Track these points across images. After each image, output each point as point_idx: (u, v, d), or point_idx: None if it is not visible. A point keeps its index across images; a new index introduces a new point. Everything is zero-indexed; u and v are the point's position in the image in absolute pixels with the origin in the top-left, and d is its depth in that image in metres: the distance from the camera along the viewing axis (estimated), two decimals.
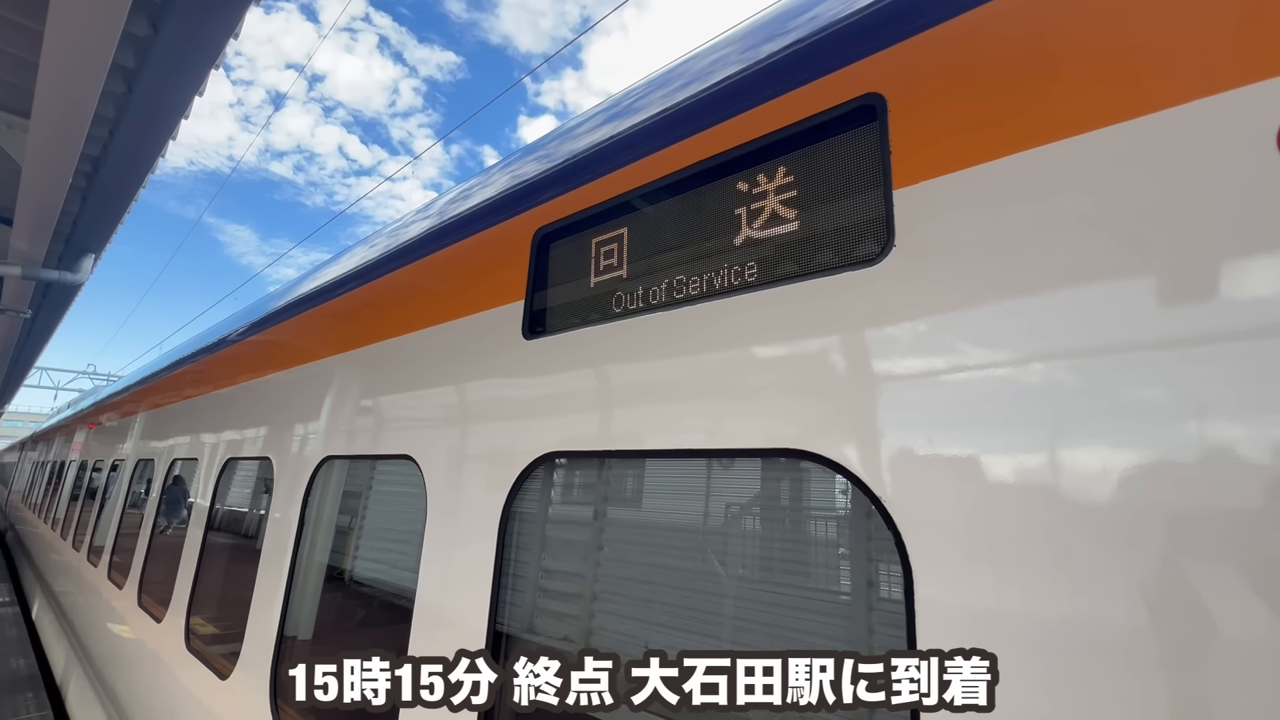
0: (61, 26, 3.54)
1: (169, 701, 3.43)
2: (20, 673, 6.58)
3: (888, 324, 1.13)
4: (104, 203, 6.68)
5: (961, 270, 1.06)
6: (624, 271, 1.66)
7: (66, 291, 9.86)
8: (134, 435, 6.44)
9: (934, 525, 1.01)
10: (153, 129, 5.31)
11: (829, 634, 1.24)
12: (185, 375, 5.31)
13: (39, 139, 4.73)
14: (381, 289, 2.75)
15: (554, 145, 2.19)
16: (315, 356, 3.08)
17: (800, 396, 1.23)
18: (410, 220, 2.98)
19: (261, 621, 2.73)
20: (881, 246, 1.17)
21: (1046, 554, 0.90)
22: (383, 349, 2.54)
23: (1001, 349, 1.00)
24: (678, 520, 1.57)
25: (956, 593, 0.97)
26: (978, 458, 0.99)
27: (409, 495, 2.32)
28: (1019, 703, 0.90)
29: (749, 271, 1.39)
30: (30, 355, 16.02)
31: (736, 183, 1.46)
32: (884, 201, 1.19)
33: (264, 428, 3.40)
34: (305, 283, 3.71)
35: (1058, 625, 0.88)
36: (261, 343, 3.87)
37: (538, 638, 1.70)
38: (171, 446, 4.98)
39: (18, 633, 8.06)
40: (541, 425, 1.74)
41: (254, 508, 3.55)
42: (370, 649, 1.20)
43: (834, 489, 1.31)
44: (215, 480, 3.78)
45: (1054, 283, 0.97)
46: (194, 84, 4.73)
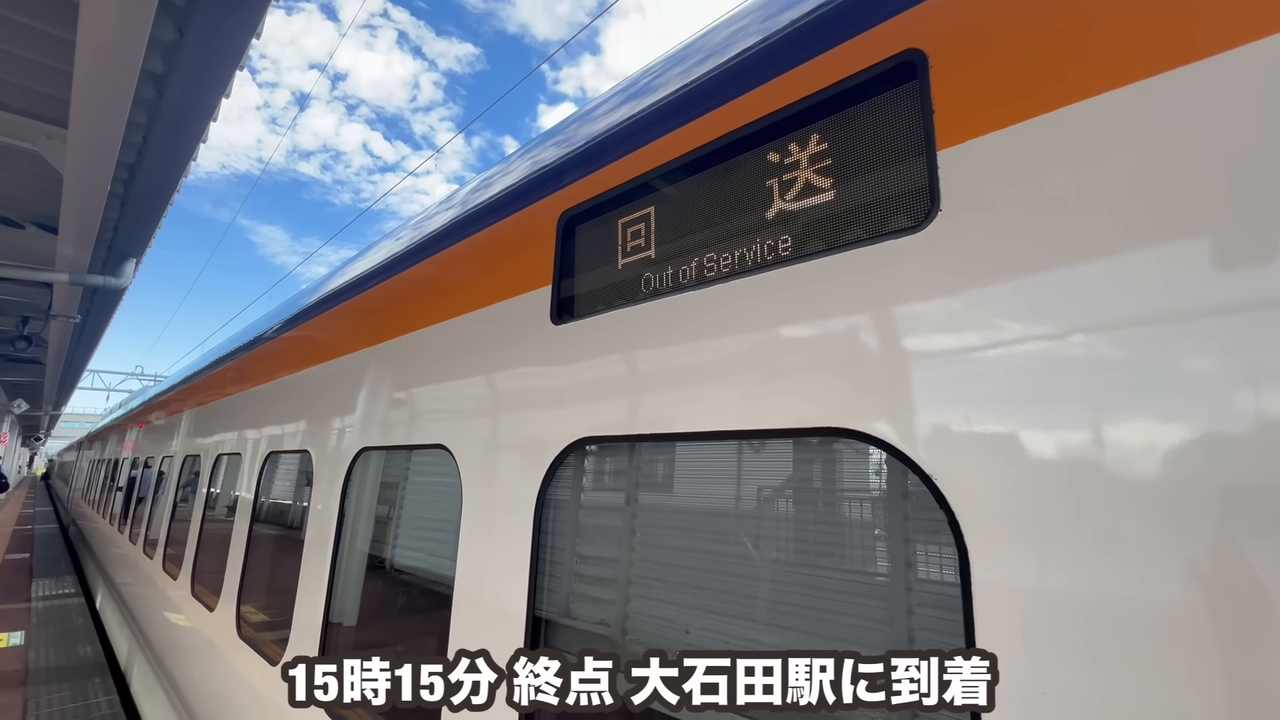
0: (91, 35, 3.61)
1: (223, 686, 3.57)
2: (88, 659, 6.94)
3: (936, 292, 1.08)
4: (142, 208, 6.87)
5: (1010, 233, 1.00)
6: (652, 252, 1.62)
7: (111, 296, 10.22)
8: (181, 433, 6.68)
9: (988, 502, 0.96)
10: (183, 133, 5.42)
11: (868, 615, 1.21)
12: (226, 373, 5.47)
13: (77, 148, 4.87)
14: (409, 281, 2.76)
15: (574, 128, 2.15)
16: (348, 350, 3.12)
17: (841, 373, 1.18)
18: (435, 211, 2.98)
19: (308, 609, 2.81)
20: (926, 212, 1.12)
21: (1099, 530, 0.86)
22: (413, 340, 2.55)
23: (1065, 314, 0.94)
24: (713, 504, 1.54)
25: (1011, 570, 0.93)
26: (1038, 432, 0.93)
27: (444, 485, 2.35)
28: (1070, 681, 0.86)
29: (783, 245, 1.34)
30: (82, 358, 16.72)
31: (767, 154, 1.41)
32: (927, 164, 1.13)
33: (302, 422, 3.48)
34: (335, 279, 3.77)
35: (1111, 602, 0.84)
36: (296, 339, 3.94)
37: (576, 623, 1.70)
38: (217, 443, 5.14)
39: (84, 622, 8.49)
40: (573, 411, 1.72)
41: (296, 499, 3.64)
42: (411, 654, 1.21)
43: (869, 469, 1.27)
44: (258, 474, 3.89)
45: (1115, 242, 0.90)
46: (220, 86, 4.80)
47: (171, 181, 6.36)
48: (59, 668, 6.63)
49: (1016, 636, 0.91)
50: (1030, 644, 0.90)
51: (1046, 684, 0.88)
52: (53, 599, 9.79)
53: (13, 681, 6.19)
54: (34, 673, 6.45)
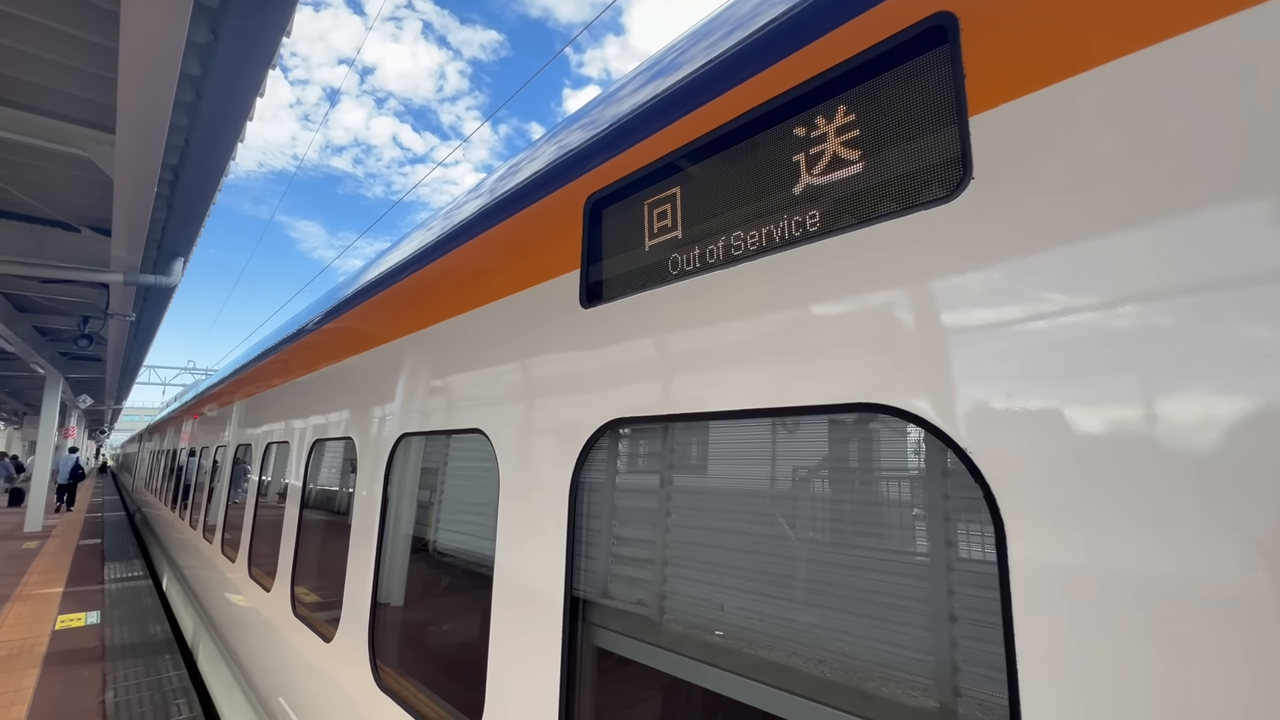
0: (132, 40, 3.74)
1: (282, 662, 3.76)
2: (158, 637, 7.38)
3: (969, 263, 1.05)
4: (187, 208, 7.14)
5: (1050, 199, 0.97)
6: (679, 232, 1.61)
7: (163, 294, 10.69)
8: (232, 423, 6.98)
9: (1028, 478, 0.94)
10: (222, 133, 5.59)
11: (907, 594, 1.19)
12: (271, 366, 5.67)
13: (125, 151, 5.07)
14: (442, 270, 2.81)
15: (599, 110, 2.15)
16: (385, 339, 3.20)
17: (872, 347, 1.16)
18: (464, 200, 3.02)
19: (357, 590, 2.93)
20: (958, 181, 1.08)
21: (1151, 509, 0.82)
22: (448, 327, 2.61)
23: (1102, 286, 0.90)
24: (746, 484, 1.54)
25: (1050, 548, 0.91)
26: (1076, 407, 0.90)
27: (482, 469, 2.41)
28: (1115, 660, 0.84)
29: (811, 221, 1.32)
30: (139, 354, 17.56)
31: (793, 128, 1.38)
32: (958, 130, 1.09)
33: (344, 410, 3.60)
34: (370, 271, 3.85)
35: (1164, 583, 0.81)
36: (336, 330, 4.06)
37: (613, 602, 1.74)
38: (266, 432, 5.36)
39: (152, 602, 9.02)
40: (604, 393, 1.74)
41: (342, 485, 3.78)
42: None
43: (907, 447, 1.25)
44: (306, 461, 4.05)
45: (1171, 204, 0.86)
46: (254, 85, 4.92)
47: (213, 181, 6.57)
48: (132, 644, 7.07)
49: (1057, 615, 0.89)
50: (1071, 622, 0.88)
51: (1089, 662, 0.86)
52: (123, 581, 10.42)
53: (92, 657, 6.64)
54: (110, 649, 6.90)
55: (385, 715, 2.50)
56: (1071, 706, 0.87)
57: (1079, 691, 0.86)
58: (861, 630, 1.24)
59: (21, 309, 11.90)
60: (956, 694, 1.09)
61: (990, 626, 1.04)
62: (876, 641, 1.22)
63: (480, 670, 2.00)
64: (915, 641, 1.16)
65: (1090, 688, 0.86)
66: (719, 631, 1.50)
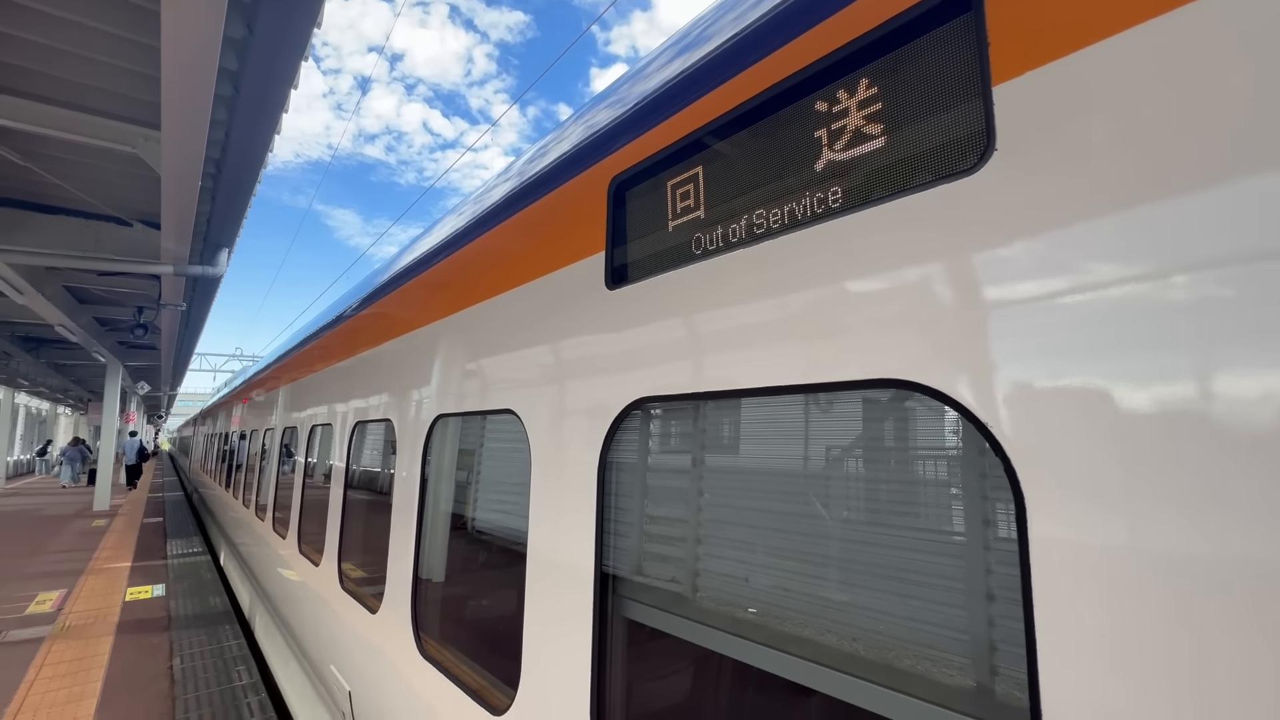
0: (173, 38, 3.86)
1: (332, 632, 3.96)
2: (218, 609, 7.83)
3: (991, 238, 1.03)
4: (229, 199, 7.39)
5: (1081, 169, 0.94)
6: (701, 212, 1.62)
7: (210, 284, 11.12)
8: (279, 407, 7.27)
9: (1054, 457, 0.93)
10: (260, 125, 5.75)
11: (944, 574, 1.19)
12: (313, 351, 5.88)
13: (170, 147, 5.27)
14: (472, 254, 2.87)
15: (624, 89, 2.15)
16: (420, 324, 3.29)
17: (891, 322, 1.16)
18: (492, 185, 3.06)
19: (400, 565, 3.06)
20: (981, 152, 1.06)
21: (1195, 491, 0.80)
22: (478, 311, 2.67)
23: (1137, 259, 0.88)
24: (772, 462, 1.56)
25: (1073, 524, 0.90)
26: (1097, 382, 0.89)
27: (515, 451, 2.48)
28: (1139, 642, 0.83)
29: (833, 197, 1.31)
30: (190, 343, 18.34)
31: (815, 103, 1.37)
32: (982, 101, 1.07)
33: (383, 393, 3.73)
34: (404, 257, 3.95)
35: (1191, 561, 0.80)
36: (372, 316, 4.19)
37: (642, 576, 1.78)
38: (310, 415, 5.58)
39: (211, 577, 9.55)
40: (630, 372, 1.77)
41: (383, 465, 3.92)
42: None
43: (936, 426, 1.24)
44: (348, 443, 4.22)
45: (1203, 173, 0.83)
46: (289, 77, 5.04)
47: (253, 173, 6.78)
48: (195, 615, 7.52)
49: (1077, 589, 0.89)
50: (1091, 597, 0.87)
51: (1110, 638, 0.85)
52: (184, 557, 11.05)
53: (160, 626, 7.09)
54: (175, 619, 7.36)
55: (428, 681, 2.62)
56: (1091, 680, 0.87)
57: (1099, 667, 0.86)
58: (897, 609, 1.24)
59: (82, 300, 12.55)
60: (994, 673, 1.09)
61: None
62: (913, 621, 1.22)
63: (516, 641, 2.08)
64: (952, 620, 1.16)
65: (1111, 664, 0.85)
66: (749, 608, 1.53)
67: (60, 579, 9.25)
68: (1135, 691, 0.83)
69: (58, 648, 6.36)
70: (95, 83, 5.25)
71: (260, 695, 5.22)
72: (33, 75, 5.16)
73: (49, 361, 19.50)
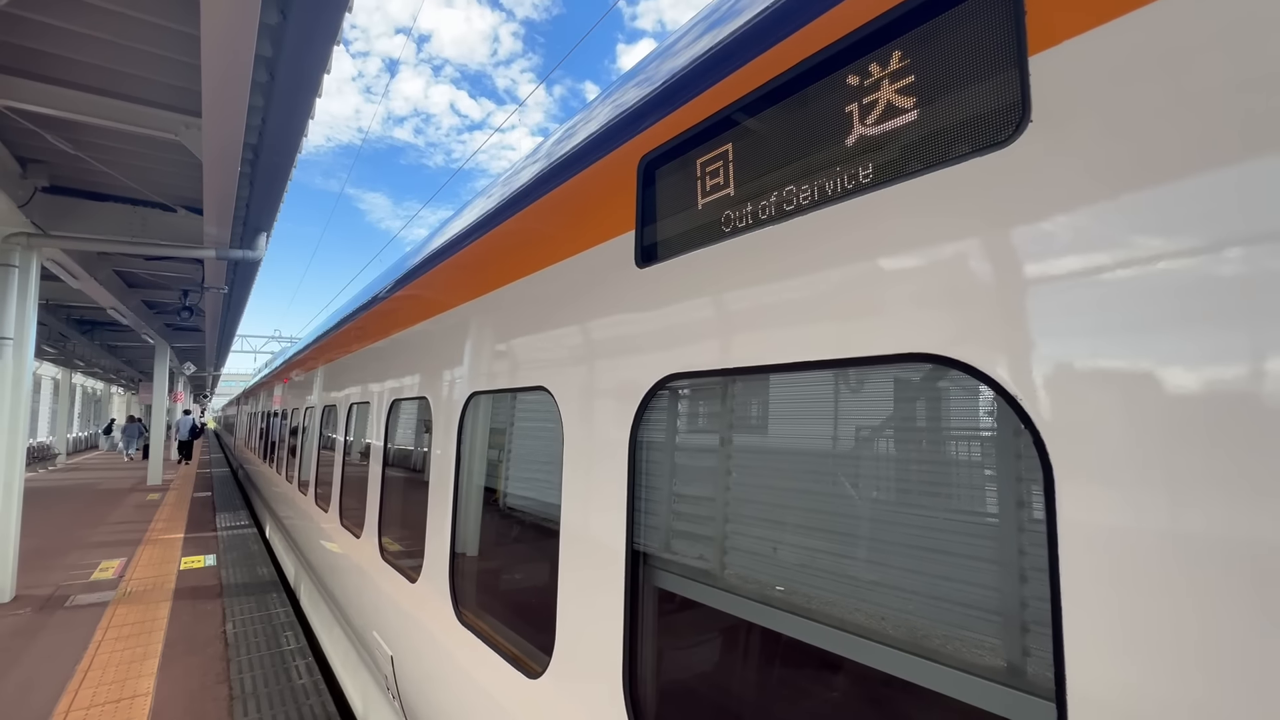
0: (212, 26, 3.97)
1: (374, 599, 4.14)
2: (265, 578, 8.22)
3: (1026, 211, 1.02)
4: (267, 184, 7.58)
5: (1122, 140, 0.92)
6: (731, 190, 1.62)
7: (250, 267, 11.47)
8: (318, 386, 7.51)
9: (1087, 435, 0.92)
10: (295, 110, 5.87)
11: (977, 554, 1.19)
12: (349, 332, 6.04)
13: (211, 133, 5.43)
14: (505, 235, 2.91)
15: (653, 67, 2.14)
16: (455, 304, 3.37)
17: (918, 295, 1.16)
18: (520, 167, 3.09)
19: (437, 536, 3.18)
20: (1016, 125, 1.05)
21: (1235, 475, 0.79)
22: (512, 290, 2.72)
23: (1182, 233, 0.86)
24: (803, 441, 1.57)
25: (1113, 514, 0.89)
26: (1147, 363, 0.87)
27: (545, 426, 2.54)
28: (1167, 621, 0.83)
29: (864, 173, 1.30)
30: (232, 325, 18.98)
31: (846, 78, 1.36)
32: (1018, 71, 1.05)
33: (419, 371, 3.83)
34: (436, 239, 4.02)
35: (1221, 540, 0.79)
36: (407, 297, 4.29)
37: (674, 557, 1.82)
38: (348, 395, 5.76)
39: (258, 548, 10.00)
40: (660, 349, 1.80)
41: (419, 442, 4.05)
42: None
43: (968, 406, 1.24)
44: (386, 420, 4.36)
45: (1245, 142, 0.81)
46: (322, 62, 5.12)
47: (289, 157, 6.93)
48: (244, 584, 7.91)
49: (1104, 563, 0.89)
50: (1119, 572, 0.87)
51: (1137, 616, 0.85)
52: (232, 529, 11.58)
53: (212, 593, 7.49)
54: (226, 587, 7.75)
55: (466, 646, 2.74)
56: (1117, 660, 0.87)
57: (1125, 648, 0.87)
58: (930, 590, 1.25)
59: (131, 285, 13.09)
60: (1025, 654, 1.10)
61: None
62: (945, 602, 1.22)
63: (550, 610, 2.16)
64: (984, 601, 1.17)
65: (1137, 645, 0.85)
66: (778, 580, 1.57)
67: (120, 548, 9.81)
68: (1159, 673, 0.84)
69: (121, 611, 6.77)
70: (139, 72, 5.42)
71: (307, 659, 5.50)
72: (82, 66, 5.35)
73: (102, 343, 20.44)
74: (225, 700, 4.70)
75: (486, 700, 2.54)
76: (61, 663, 5.39)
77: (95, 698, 4.75)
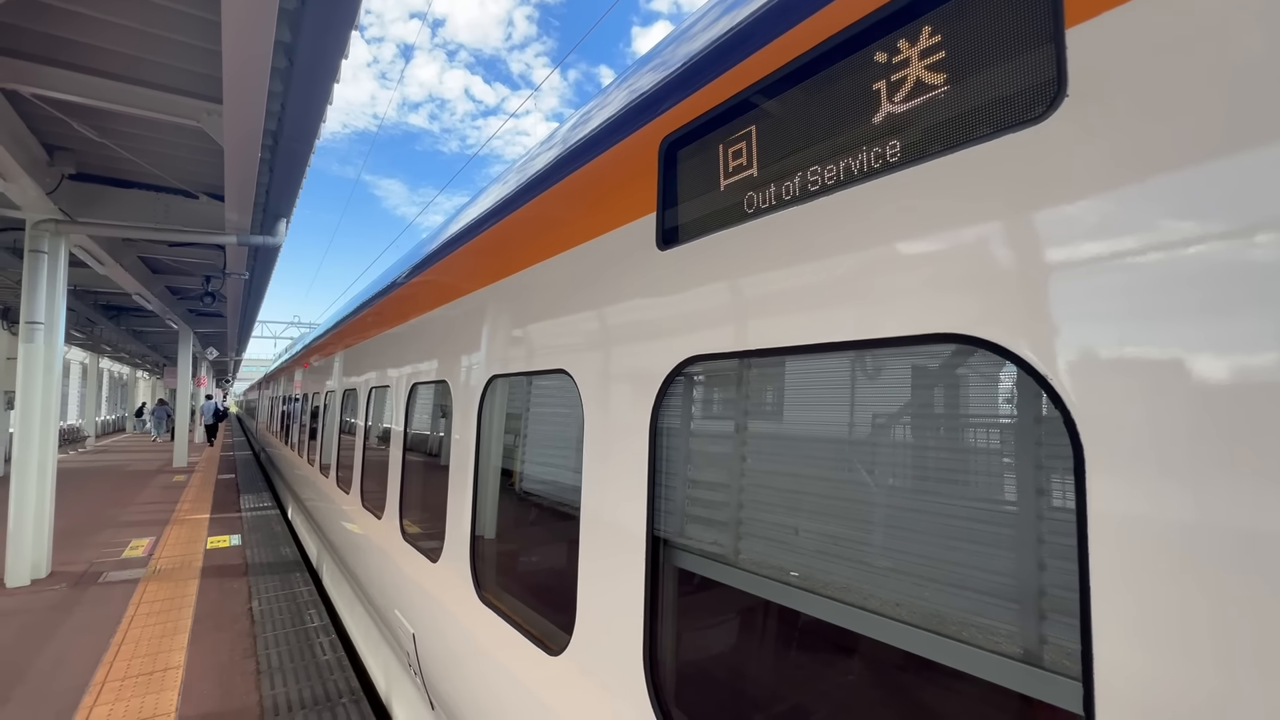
0: (233, 13, 3.99)
1: (395, 579, 4.23)
2: (288, 558, 8.41)
3: (1059, 190, 1.00)
4: (286, 170, 7.64)
5: (1165, 115, 0.90)
6: (754, 170, 1.61)
7: (270, 253, 11.60)
8: (337, 371, 7.62)
9: (1120, 416, 0.91)
10: (313, 96, 5.89)
11: (994, 542, 1.19)
12: (368, 318, 6.11)
13: (232, 119, 5.48)
14: (527, 217, 2.92)
15: (670, 50, 2.12)
16: (475, 288, 3.39)
17: (946, 275, 1.15)
18: (538, 152, 3.09)
19: (458, 516, 3.23)
20: (1051, 99, 1.03)
21: (1250, 447, 0.78)
22: (532, 273, 2.73)
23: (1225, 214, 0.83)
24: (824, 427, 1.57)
25: (1133, 480, 0.89)
26: (1185, 347, 0.86)
27: (562, 412, 2.57)
28: (1199, 609, 0.82)
29: (891, 152, 1.28)
30: (253, 310, 19.25)
31: (874, 54, 1.34)
32: (1054, 44, 1.03)
33: (439, 356, 3.87)
34: (456, 223, 4.04)
35: (1256, 527, 0.78)
36: (427, 281, 4.32)
37: (692, 542, 1.83)
38: (369, 379, 5.84)
39: (281, 529, 10.23)
40: (681, 331, 1.80)
41: (440, 425, 4.10)
42: None
43: (997, 394, 1.23)
44: (406, 404, 4.42)
45: None
46: (340, 46, 5.13)
47: (307, 143, 6.97)
48: (268, 563, 8.11)
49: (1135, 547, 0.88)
50: (1150, 556, 0.86)
51: (1168, 603, 0.85)
52: (256, 510, 11.85)
53: (238, 572, 7.69)
54: (251, 566, 7.95)
55: (486, 624, 2.80)
56: (1145, 646, 0.87)
57: (1154, 631, 0.86)
58: (951, 577, 1.24)
59: (155, 271, 13.31)
60: (1042, 641, 1.10)
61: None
62: (964, 590, 1.22)
63: (568, 589, 2.19)
64: (1003, 590, 1.16)
65: (1167, 630, 0.85)
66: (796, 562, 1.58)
67: (148, 528, 10.09)
68: (1188, 663, 0.83)
69: (151, 588, 6.98)
70: (161, 59, 5.47)
71: (331, 636, 5.64)
72: (105, 54, 5.41)
73: (128, 328, 20.86)
74: (253, 674, 4.84)
75: (507, 677, 2.59)
76: (97, 635, 5.58)
77: (130, 669, 4.92)
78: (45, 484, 7.46)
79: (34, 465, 7.28)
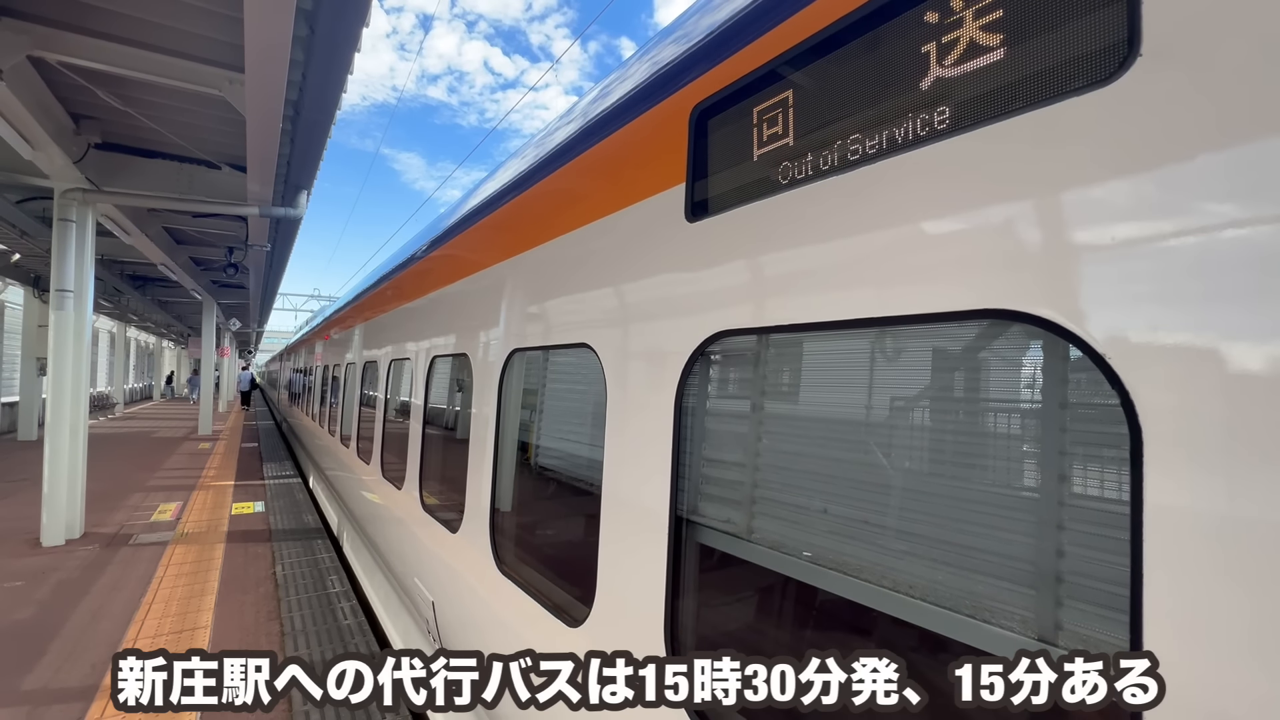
0: None
1: (415, 548, 4.30)
2: (310, 526, 8.60)
3: (1128, 158, 0.94)
4: (307, 141, 7.62)
5: (1246, 77, 0.84)
6: (790, 139, 1.55)
7: (291, 225, 11.66)
8: (357, 343, 7.69)
9: (1171, 387, 0.87)
10: (334, 65, 5.84)
11: (1012, 528, 1.16)
12: (387, 291, 6.13)
13: (254, 88, 5.46)
14: (547, 189, 2.87)
15: (698, 18, 2.05)
16: (496, 261, 3.37)
17: (1001, 249, 1.10)
18: (565, 120, 3.03)
19: (477, 487, 3.26)
20: (1121, 59, 0.96)
21: None
22: (554, 246, 2.70)
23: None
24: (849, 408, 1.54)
25: (1194, 463, 0.85)
26: (1225, 322, 0.82)
27: (576, 391, 2.55)
28: (1256, 600, 0.78)
29: (939, 118, 1.22)
30: (274, 282, 19.47)
31: (924, 14, 1.26)
32: (1124, 1, 0.95)
33: (459, 329, 3.87)
34: (477, 195, 4.00)
35: None
36: (447, 255, 4.30)
37: (716, 523, 1.81)
38: (390, 351, 5.88)
39: (303, 497, 10.45)
40: (710, 304, 1.76)
41: (460, 397, 4.12)
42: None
43: (1019, 381, 1.19)
44: (426, 376, 4.44)
45: None
46: (360, 14, 5.06)
47: (328, 114, 6.94)
48: (291, 530, 8.30)
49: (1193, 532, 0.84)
50: (1207, 538, 0.82)
51: (1225, 592, 0.81)
52: (278, 478, 12.10)
53: (262, 538, 7.88)
54: (274, 532, 8.15)
55: (504, 592, 2.83)
56: (1198, 636, 0.84)
57: (1208, 628, 0.83)
58: (973, 565, 1.22)
59: (180, 241, 13.47)
60: (1058, 628, 1.08)
61: (1098, 563, 1.01)
62: (983, 577, 1.19)
63: (589, 562, 2.20)
64: (1021, 577, 1.14)
65: (1222, 618, 0.82)
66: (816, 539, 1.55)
67: (176, 493, 10.37)
68: (1248, 663, 0.80)
69: (179, 551, 7.19)
70: (183, 26, 5.44)
71: (351, 601, 5.78)
72: (128, 20, 5.40)
73: (154, 298, 21.23)
74: (277, 636, 4.98)
75: (526, 646, 2.63)
76: (129, 594, 5.78)
77: (160, 628, 5.09)
78: (78, 447, 7.67)
79: (66, 429, 7.48)
